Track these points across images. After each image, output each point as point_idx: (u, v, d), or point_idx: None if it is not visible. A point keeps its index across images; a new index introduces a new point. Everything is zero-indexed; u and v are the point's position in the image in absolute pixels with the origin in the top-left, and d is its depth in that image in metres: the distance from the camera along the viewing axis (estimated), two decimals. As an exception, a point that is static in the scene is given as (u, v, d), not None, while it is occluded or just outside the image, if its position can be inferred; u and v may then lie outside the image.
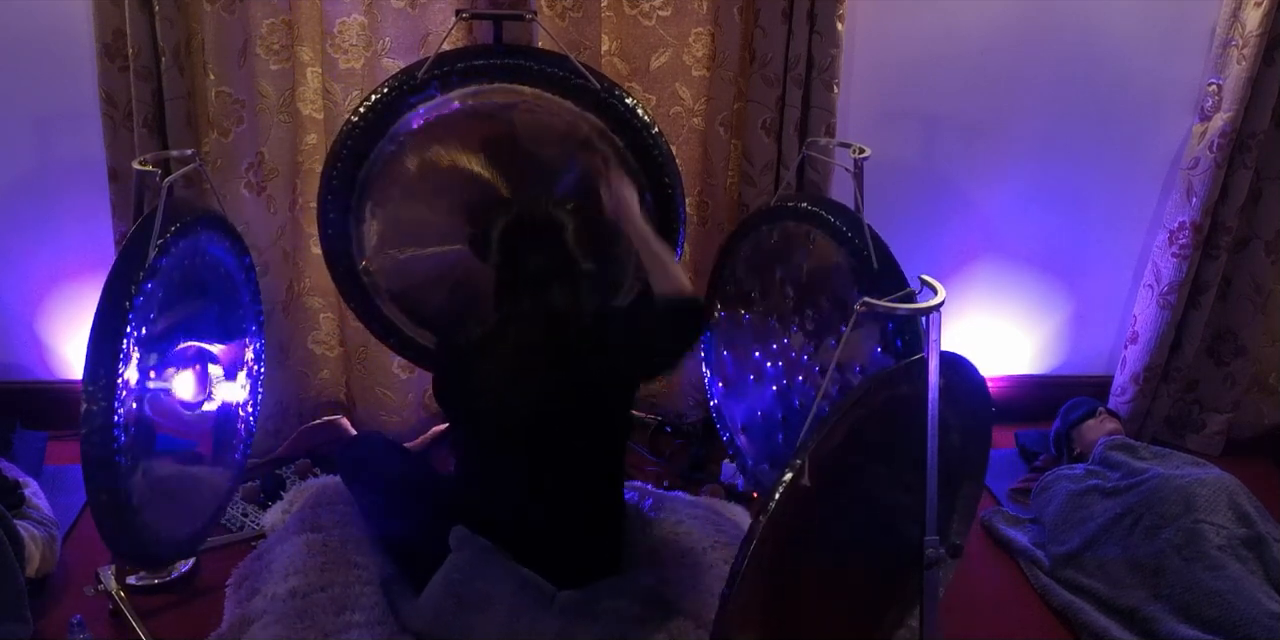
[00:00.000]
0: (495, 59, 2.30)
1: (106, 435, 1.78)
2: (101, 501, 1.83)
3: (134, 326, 1.82)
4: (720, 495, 2.67)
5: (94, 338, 1.78)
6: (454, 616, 1.89)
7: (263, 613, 2.02)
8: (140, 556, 2.00)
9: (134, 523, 1.88)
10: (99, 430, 1.77)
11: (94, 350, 1.78)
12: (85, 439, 1.77)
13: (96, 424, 1.77)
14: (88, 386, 1.77)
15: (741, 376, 2.53)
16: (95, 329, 1.79)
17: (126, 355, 1.81)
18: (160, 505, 1.99)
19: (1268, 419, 3.09)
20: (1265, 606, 2.13)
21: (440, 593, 1.90)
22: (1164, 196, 2.94)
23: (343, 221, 2.35)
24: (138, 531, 1.90)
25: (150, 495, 1.94)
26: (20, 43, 2.56)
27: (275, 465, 2.76)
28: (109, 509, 1.84)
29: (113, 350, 1.78)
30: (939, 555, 1.60)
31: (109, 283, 1.83)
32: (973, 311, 3.06)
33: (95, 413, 1.77)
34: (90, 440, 1.77)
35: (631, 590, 1.98)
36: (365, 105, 2.27)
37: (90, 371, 1.77)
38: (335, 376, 2.92)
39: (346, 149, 2.28)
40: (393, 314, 2.47)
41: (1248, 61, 2.64)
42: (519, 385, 1.97)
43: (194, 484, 2.20)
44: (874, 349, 2.08)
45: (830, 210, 2.21)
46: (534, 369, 1.97)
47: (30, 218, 2.73)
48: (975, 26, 2.75)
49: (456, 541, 1.92)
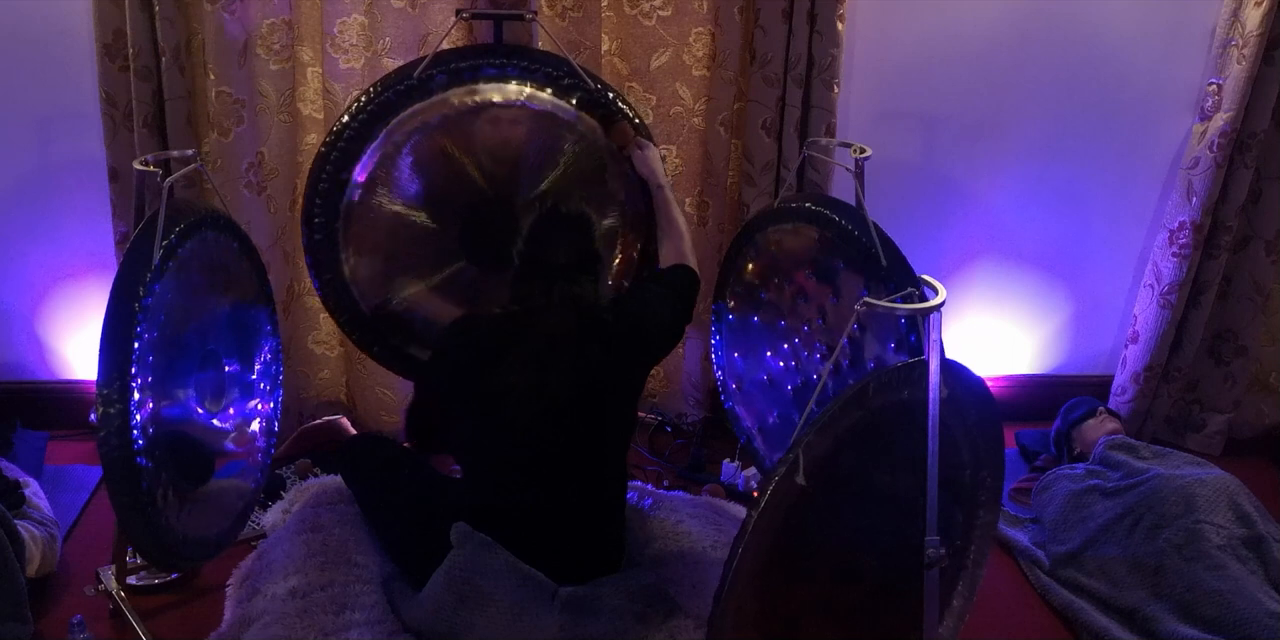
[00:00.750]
0: (494, 59, 2.30)
1: (124, 437, 1.77)
2: (124, 504, 1.81)
3: (144, 328, 1.81)
4: (721, 495, 2.67)
5: (104, 341, 1.77)
6: (455, 613, 1.88)
7: (263, 612, 2.02)
8: (167, 558, 1.98)
9: (159, 524, 1.87)
10: (116, 432, 1.76)
11: (105, 353, 1.76)
12: (103, 442, 1.76)
13: (113, 426, 1.76)
14: (102, 390, 1.75)
15: (754, 378, 2.53)
16: (105, 332, 1.78)
17: (139, 357, 1.80)
18: (187, 507, 1.99)
19: (1268, 419, 3.09)
20: (1265, 606, 2.13)
21: (441, 589, 1.90)
22: (1164, 196, 2.94)
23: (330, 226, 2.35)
24: (163, 533, 1.89)
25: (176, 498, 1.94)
26: (20, 43, 2.56)
27: (275, 465, 2.76)
28: (132, 511, 1.82)
29: (124, 352, 1.77)
30: (939, 555, 1.60)
31: (116, 285, 1.82)
32: (973, 311, 3.06)
33: (111, 416, 1.75)
34: (108, 443, 1.75)
35: (633, 587, 1.98)
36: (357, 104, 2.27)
37: (103, 375, 1.75)
38: (335, 376, 2.92)
39: (337, 151, 2.28)
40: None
41: (1248, 61, 2.64)
42: (554, 373, 1.97)
43: (221, 487, 2.18)
44: (888, 346, 2.08)
45: (835, 209, 2.21)
46: (567, 357, 1.98)
47: (30, 218, 2.73)
48: (976, 26, 2.76)
49: (458, 538, 1.92)
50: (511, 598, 1.88)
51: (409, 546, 2.09)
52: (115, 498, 1.82)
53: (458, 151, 2.33)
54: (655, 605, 1.99)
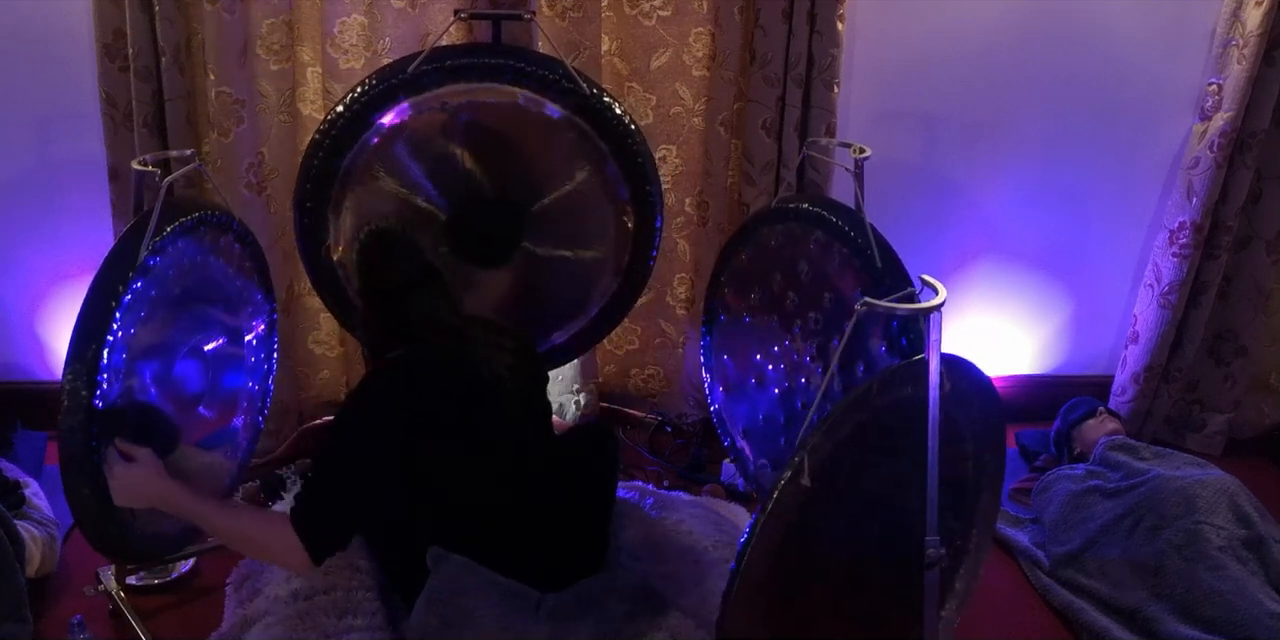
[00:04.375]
0: (487, 58, 2.30)
1: (86, 433, 1.75)
2: (84, 495, 1.79)
3: (121, 325, 1.79)
4: (721, 495, 2.67)
5: (74, 334, 1.76)
6: (442, 637, 1.86)
7: (264, 614, 2.02)
8: (121, 551, 1.96)
9: (112, 516, 1.84)
10: (78, 427, 1.74)
11: (73, 344, 1.75)
12: (63, 434, 1.73)
13: (76, 420, 1.73)
14: (66, 379, 1.73)
15: (743, 380, 2.53)
16: (77, 325, 1.76)
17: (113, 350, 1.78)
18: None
19: (1268, 419, 3.09)
20: (1266, 607, 2.13)
21: (425, 614, 1.86)
22: (1164, 196, 2.94)
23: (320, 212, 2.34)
24: (118, 525, 1.86)
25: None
26: (20, 43, 2.56)
27: (275, 465, 2.76)
28: (89, 505, 1.80)
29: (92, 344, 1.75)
30: (939, 555, 1.60)
31: (95, 280, 1.80)
32: (973, 311, 3.06)
33: (72, 406, 1.73)
34: (69, 436, 1.73)
35: (616, 588, 1.97)
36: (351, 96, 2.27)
37: (69, 365, 1.74)
38: (335, 376, 2.92)
39: (330, 139, 2.28)
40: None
41: (1248, 61, 2.64)
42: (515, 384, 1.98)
43: (193, 467, 2.14)
44: (879, 348, 2.08)
45: (832, 210, 2.21)
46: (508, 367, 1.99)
47: (30, 218, 2.73)
48: (975, 26, 2.75)
49: (433, 562, 1.89)
50: (496, 613, 1.85)
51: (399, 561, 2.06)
52: (71, 491, 1.79)
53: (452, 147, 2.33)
54: (642, 603, 1.98)
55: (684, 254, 2.90)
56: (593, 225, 2.45)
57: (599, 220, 2.44)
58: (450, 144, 2.34)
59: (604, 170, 2.38)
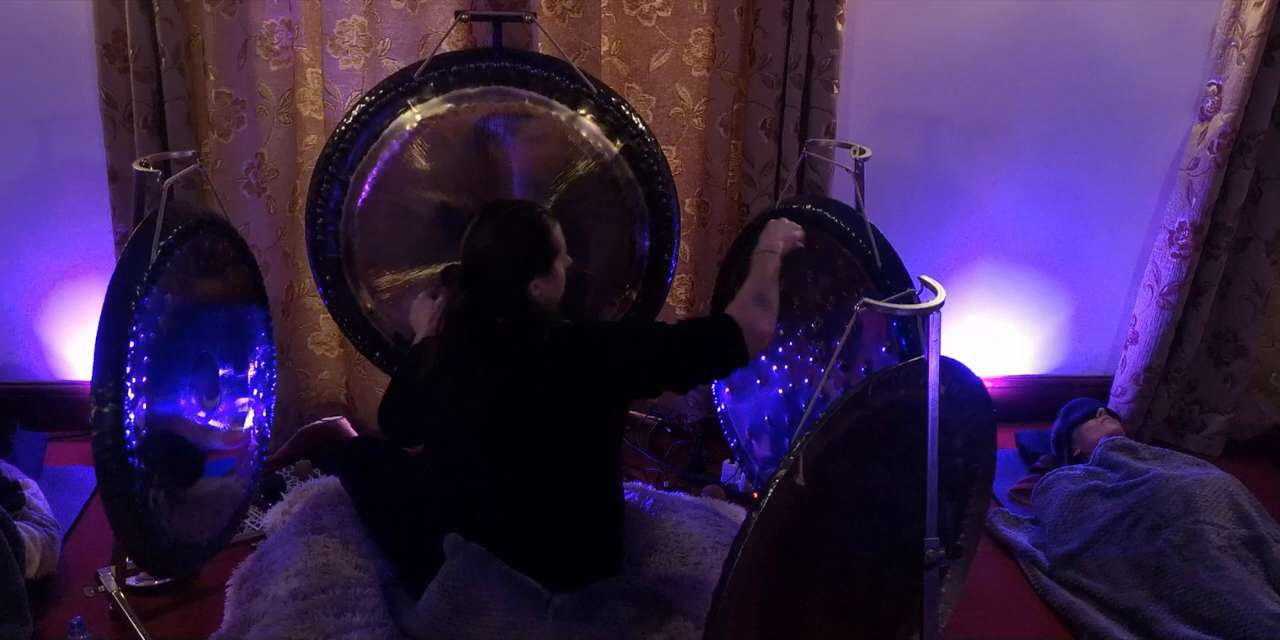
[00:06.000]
0: (493, 62, 2.30)
1: (118, 438, 1.77)
2: (117, 505, 1.82)
3: (140, 328, 1.81)
4: (721, 496, 2.67)
5: (100, 341, 1.78)
6: (450, 623, 1.89)
7: (263, 614, 2.02)
8: (159, 561, 1.98)
9: (151, 526, 1.87)
10: (110, 432, 1.76)
11: (100, 352, 1.77)
12: (97, 441, 1.76)
13: (107, 426, 1.76)
14: (96, 389, 1.76)
15: (747, 381, 2.53)
16: (101, 332, 1.78)
17: (134, 357, 1.80)
18: (179, 509, 1.99)
19: (1268, 419, 3.09)
20: (1266, 607, 2.13)
21: (437, 600, 1.90)
22: (1164, 197, 2.94)
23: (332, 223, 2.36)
24: (156, 536, 1.89)
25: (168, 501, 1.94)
26: (20, 43, 2.56)
27: (275, 466, 2.76)
28: (124, 512, 1.83)
29: (119, 352, 1.77)
30: (939, 555, 1.60)
31: (113, 285, 1.82)
32: (973, 312, 3.06)
33: (105, 416, 1.76)
34: (102, 443, 1.76)
35: (627, 591, 1.98)
36: (360, 106, 2.28)
37: (98, 374, 1.76)
38: (335, 377, 2.92)
39: (339, 151, 2.29)
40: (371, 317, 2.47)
41: (1248, 62, 2.64)
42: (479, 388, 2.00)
43: (211, 489, 2.18)
44: (879, 349, 2.08)
45: (833, 211, 2.21)
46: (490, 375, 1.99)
47: (30, 218, 2.73)
48: (975, 27, 2.76)
49: (450, 549, 1.92)
50: (506, 607, 1.88)
51: (406, 553, 2.08)
52: (108, 499, 1.82)
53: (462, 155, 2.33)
54: (650, 609, 1.99)
55: (684, 254, 2.90)
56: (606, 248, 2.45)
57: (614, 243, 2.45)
58: (464, 153, 2.34)
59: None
